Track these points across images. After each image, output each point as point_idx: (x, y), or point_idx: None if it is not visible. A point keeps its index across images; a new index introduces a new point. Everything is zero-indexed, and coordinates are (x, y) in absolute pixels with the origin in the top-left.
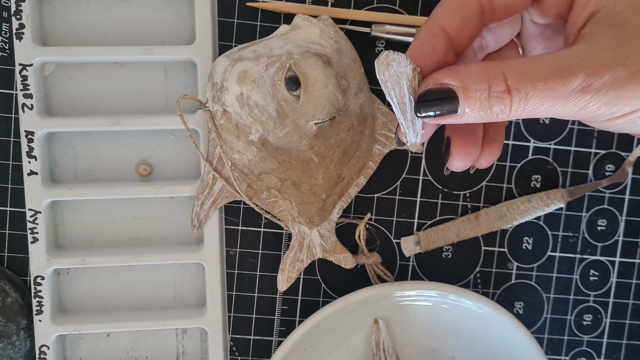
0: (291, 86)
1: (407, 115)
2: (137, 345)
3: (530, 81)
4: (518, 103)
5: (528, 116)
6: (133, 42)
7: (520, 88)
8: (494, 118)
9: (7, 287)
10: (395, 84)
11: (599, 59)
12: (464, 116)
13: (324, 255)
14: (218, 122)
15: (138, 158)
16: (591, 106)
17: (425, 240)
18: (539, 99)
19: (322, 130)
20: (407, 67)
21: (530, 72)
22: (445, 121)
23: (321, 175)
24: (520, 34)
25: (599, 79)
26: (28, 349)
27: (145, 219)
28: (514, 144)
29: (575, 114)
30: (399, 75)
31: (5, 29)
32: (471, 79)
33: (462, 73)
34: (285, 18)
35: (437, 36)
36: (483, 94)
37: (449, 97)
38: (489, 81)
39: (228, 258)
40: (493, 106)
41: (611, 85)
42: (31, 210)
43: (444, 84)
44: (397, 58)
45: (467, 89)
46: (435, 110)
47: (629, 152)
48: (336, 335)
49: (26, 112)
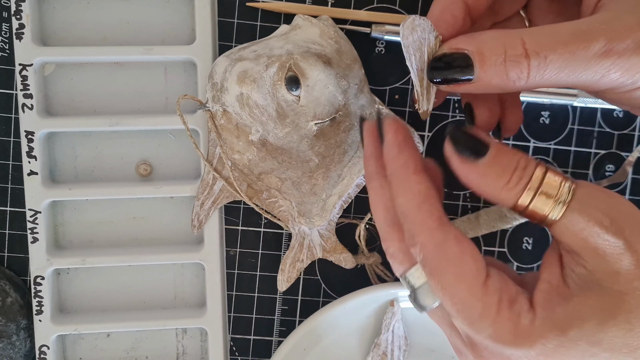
0: (291, 86)
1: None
2: (137, 345)
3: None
4: (537, 68)
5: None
6: (133, 42)
7: (539, 51)
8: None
9: (7, 287)
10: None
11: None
12: (479, 83)
13: (324, 255)
14: (218, 122)
15: (138, 158)
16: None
17: None
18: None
19: (322, 130)
20: (430, 34)
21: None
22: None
23: (321, 175)
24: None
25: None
26: (28, 349)
27: (145, 219)
28: (514, 144)
29: (597, 82)
30: (421, 41)
31: (5, 29)
32: (487, 43)
33: (478, 38)
34: (285, 18)
35: (456, 3)
36: (499, 59)
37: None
38: (505, 45)
39: (228, 258)
40: (509, 71)
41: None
42: (31, 210)
43: (459, 48)
44: (422, 24)
45: (483, 53)
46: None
47: (629, 152)
48: (336, 335)
49: (26, 112)
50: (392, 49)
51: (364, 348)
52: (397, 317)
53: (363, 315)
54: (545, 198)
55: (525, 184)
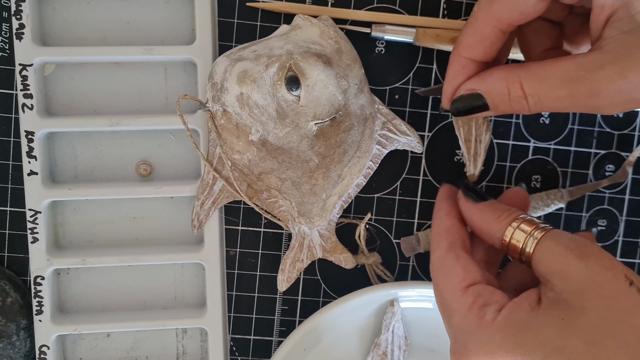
0: (291, 86)
1: (471, 151)
2: (137, 345)
3: (543, 90)
4: (535, 105)
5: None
6: (133, 42)
7: (534, 94)
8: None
9: (7, 287)
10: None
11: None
12: (492, 112)
13: (324, 255)
14: (218, 122)
15: (138, 158)
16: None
17: (425, 240)
18: (552, 103)
19: (322, 130)
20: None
21: (543, 81)
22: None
23: (321, 175)
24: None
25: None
26: (28, 349)
27: (145, 219)
28: (514, 144)
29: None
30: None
31: (5, 29)
32: (494, 85)
33: (487, 81)
34: (285, 18)
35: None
36: (504, 97)
37: (479, 100)
38: (508, 87)
39: (228, 258)
40: (514, 105)
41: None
42: (31, 210)
43: (474, 89)
44: None
45: (492, 93)
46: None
47: (629, 152)
48: (336, 335)
49: (26, 112)
50: (392, 49)
51: (364, 348)
52: (397, 317)
53: (363, 315)
54: (522, 232)
55: (511, 220)
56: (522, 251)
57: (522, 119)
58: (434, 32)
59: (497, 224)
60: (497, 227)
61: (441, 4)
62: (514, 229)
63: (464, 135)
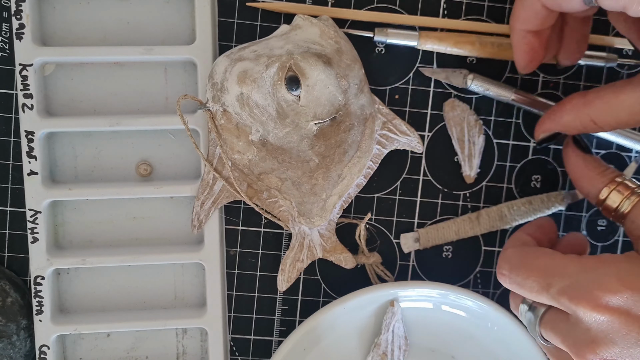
0: (291, 86)
1: (465, 151)
2: (137, 345)
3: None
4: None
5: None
6: (133, 42)
7: (605, 126)
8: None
9: (7, 287)
10: (457, 124)
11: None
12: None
13: (324, 255)
14: (218, 122)
15: (138, 158)
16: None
17: (424, 237)
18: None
19: (323, 130)
20: (470, 115)
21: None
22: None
23: (321, 175)
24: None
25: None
26: (28, 349)
27: (145, 219)
28: (514, 144)
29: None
30: (461, 118)
31: (5, 29)
32: (568, 125)
33: (562, 122)
34: (285, 18)
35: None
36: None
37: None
38: (581, 124)
39: (228, 258)
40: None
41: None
42: (31, 210)
43: (549, 130)
44: (461, 105)
45: (568, 130)
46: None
47: (629, 153)
48: (336, 335)
49: (26, 112)
50: (392, 49)
51: (364, 348)
52: (397, 317)
53: (363, 315)
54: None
55: (613, 177)
56: (616, 209)
57: (522, 119)
58: (436, 36)
59: (600, 177)
60: (599, 180)
61: (441, 4)
62: (609, 190)
63: (457, 135)
